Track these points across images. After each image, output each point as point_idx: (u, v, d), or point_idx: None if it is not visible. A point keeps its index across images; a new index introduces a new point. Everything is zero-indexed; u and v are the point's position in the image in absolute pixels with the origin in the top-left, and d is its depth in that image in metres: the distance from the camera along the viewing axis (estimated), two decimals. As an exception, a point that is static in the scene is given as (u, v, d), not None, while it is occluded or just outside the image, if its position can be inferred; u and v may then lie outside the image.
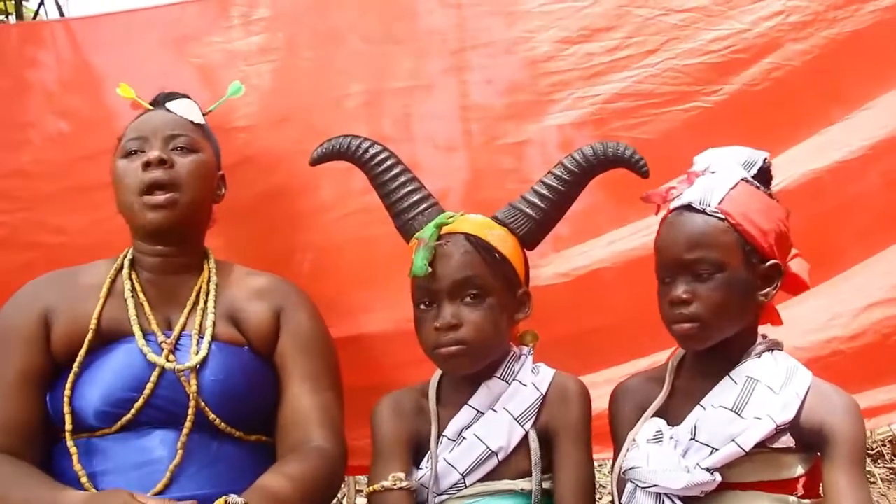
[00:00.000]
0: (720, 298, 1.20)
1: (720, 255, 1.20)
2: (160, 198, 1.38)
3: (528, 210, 1.33)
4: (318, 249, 1.76)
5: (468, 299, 1.27)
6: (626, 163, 1.27)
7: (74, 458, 1.31)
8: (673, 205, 1.25)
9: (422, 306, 1.30)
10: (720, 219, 1.20)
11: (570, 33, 1.72)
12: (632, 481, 1.23)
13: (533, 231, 1.35)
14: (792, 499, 1.19)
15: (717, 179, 1.24)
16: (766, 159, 1.29)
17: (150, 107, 1.53)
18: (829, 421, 1.19)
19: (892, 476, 2.91)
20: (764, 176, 1.29)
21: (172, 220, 1.41)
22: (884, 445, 3.12)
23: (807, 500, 1.20)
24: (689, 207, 1.22)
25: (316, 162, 1.43)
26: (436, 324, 1.27)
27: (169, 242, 1.44)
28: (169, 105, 1.50)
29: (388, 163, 1.38)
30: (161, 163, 1.39)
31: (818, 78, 1.67)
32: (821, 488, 1.22)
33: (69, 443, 1.32)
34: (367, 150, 1.38)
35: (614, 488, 1.27)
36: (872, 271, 1.66)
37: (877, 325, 1.62)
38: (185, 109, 1.49)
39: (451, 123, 1.71)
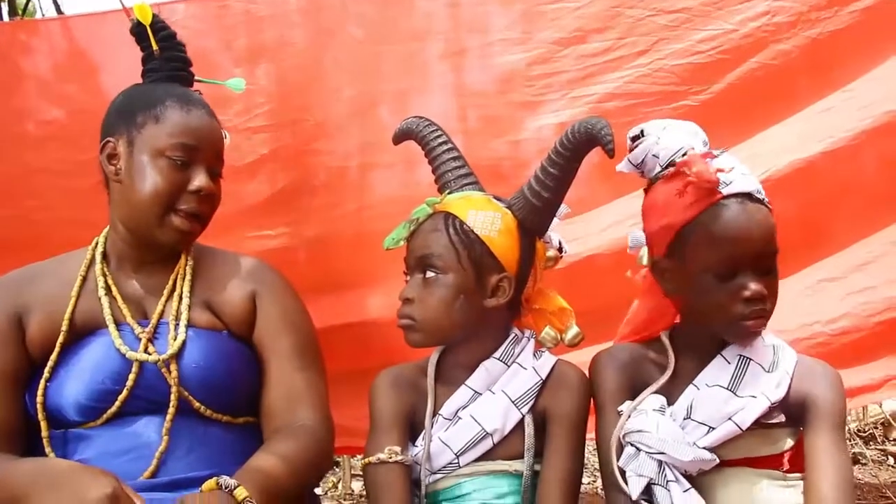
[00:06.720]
0: (777, 290, 1.20)
1: (777, 247, 1.20)
2: (189, 227, 1.37)
3: (528, 193, 1.31)
4: (324, 242, 1.83)
5: (427, 276, 1.29)
6: (596, 139, 1.22)
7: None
8: (728, 191, 1.18)
9: (406, 276, 1.34)
10: (769, 209, 1.20)
11: (564, 34, 1.79)
12: (634, 444, 1.21)
13: (531, 215, 1.32)
14: (778, 473, 1.22)
15: (738, 163, 1.22)
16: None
17: (155, 45, 1.42)
18: (812, 392, 1.22)
19: (882, 457, 2.96)
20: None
21: (186, 243, 1.41)
22: (875, 427, 3.16)
23: (793, 474, 1.22)
24: (749, 196, 1.19)
25: (395, 142, 1.49)
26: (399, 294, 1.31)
27: (166, 249, 1.43)
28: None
29: (439, 142, 1.41)
30: (209, 196, 1.38)
31: (800, 77, 1.74)
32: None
33: (47, 448, 1.30)
34: (423, 130, 1.43)
35: (614, 449, 1.23)
36: (854, 258, 1.74)
37: (857, 308, 1.69)
38: (223, 131, 1.47)
39: (449, 121, 1.74)
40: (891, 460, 2.90)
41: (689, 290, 1.24)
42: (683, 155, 1.25)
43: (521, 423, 1.29)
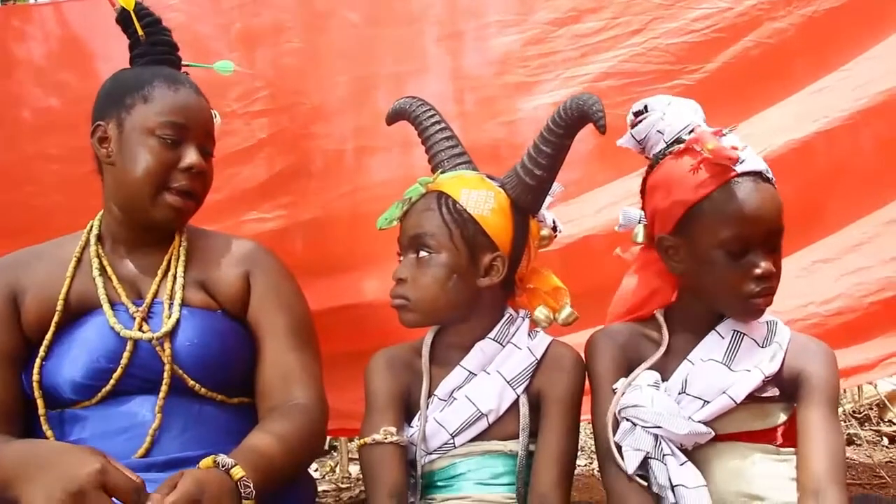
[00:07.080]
0: (781, 268, 1.22)
1: (783, 225, 1.21)
2: (182, 204, 1.37)
3: (521, 171, 1.31)
4: (320, 225, 1.83)
5: (420, 255, 1.29)
6: (588, 116, 1.22)
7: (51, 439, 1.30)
8: (742, 169, 1.19)
9: (399, 256, 1.33)
10: (775, 187, 1.22)
11: (559, 14, 1.79)
12: (630, 419, 1.22)
13: (524, 193, 1.31)
14: (772, 447, 1.23)
15: (745, 142, 1.23)
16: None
17: (140, 30, 1.44)
18: (806, 368, 1.23)
19: (877, 438, 2.97)
20: None
21: (180, 221, 1.42)
22: (871, 408, 3.17)
23: (787, 448, 1.23)
24: (759, 175, 1.20)
25: (389, 122, 1.49)
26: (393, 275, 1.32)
27: (160, 231, 1.43)
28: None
29: (432, 122, 1.40)
30: (201, 173, 1.38)
31: (796, 55, 1.74)
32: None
33: (44, 426, 1.31)
34: (416, 109, 1.42)
35: (610, 426, 1.23)
36: (848, 238, 1.74)
37: (852, 289, 1.70)
38: (213, 111, 1.48)
39: (445, 104, 1.75)
40: (885, 441, 2.91)
41: (695, 268, 1.24)
42: (690, 132, 1.24)
43: (515, 404, 1.29)
